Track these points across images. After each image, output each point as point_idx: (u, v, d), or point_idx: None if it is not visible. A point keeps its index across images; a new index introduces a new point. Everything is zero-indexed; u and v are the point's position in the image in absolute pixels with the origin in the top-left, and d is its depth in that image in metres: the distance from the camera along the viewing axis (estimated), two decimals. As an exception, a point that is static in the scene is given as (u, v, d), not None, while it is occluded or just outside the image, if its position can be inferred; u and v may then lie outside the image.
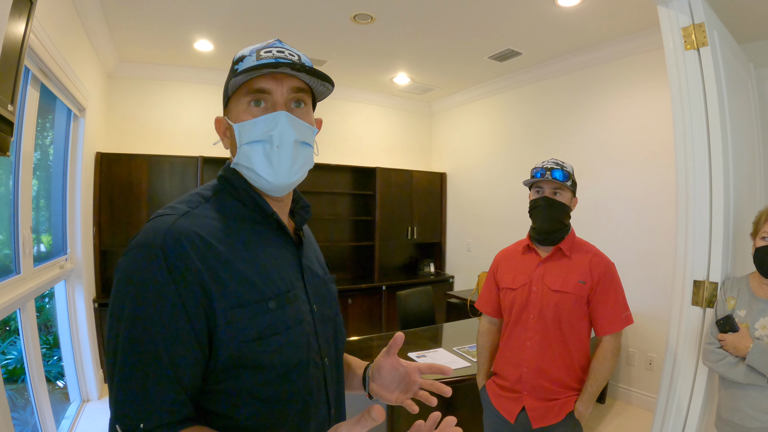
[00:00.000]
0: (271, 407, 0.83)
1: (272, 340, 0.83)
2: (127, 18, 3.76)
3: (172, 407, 0.75)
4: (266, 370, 0.82)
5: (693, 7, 2.22)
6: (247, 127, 0.88)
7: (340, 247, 6.12)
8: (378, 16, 3.74)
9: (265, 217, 0.92)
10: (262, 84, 0.88)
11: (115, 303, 0.77)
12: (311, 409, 0.90)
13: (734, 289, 2.01)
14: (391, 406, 2.43)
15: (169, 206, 0.85)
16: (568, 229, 2.03)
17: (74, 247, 3.77)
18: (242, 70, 0.87)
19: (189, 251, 0.78)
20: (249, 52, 0.91)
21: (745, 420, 1.85)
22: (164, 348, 0.74)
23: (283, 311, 0.86)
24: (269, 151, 0.88)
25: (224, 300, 0.79)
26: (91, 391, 3.77)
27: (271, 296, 0.85)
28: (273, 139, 0.87)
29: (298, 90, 0.91)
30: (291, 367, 0.85)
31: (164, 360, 0.74)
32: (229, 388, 0.80)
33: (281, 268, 0.90)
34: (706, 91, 2.19)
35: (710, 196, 2.18)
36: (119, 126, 4.84)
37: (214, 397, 0.81)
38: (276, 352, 0.83)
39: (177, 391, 0.75)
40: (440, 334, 3.46)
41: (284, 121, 0.88)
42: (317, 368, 0.92)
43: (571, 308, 1.90)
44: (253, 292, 0.82)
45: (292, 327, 0.87)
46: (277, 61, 0.87)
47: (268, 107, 0.89)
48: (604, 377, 1.91)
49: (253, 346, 0.80)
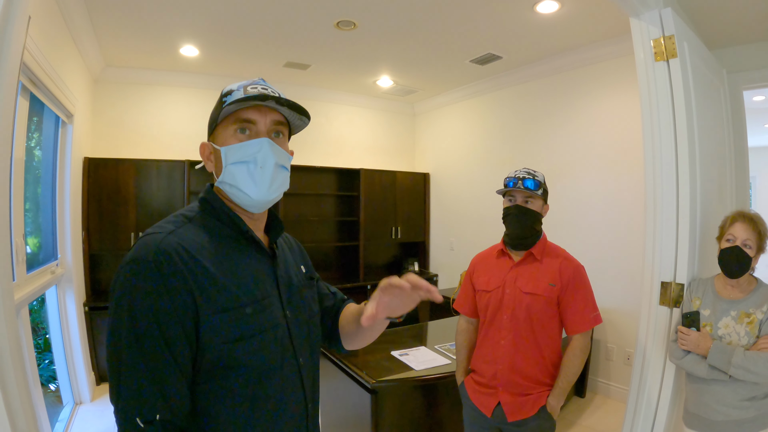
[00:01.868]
0: (250, 404, 0.96)
1: (249, 342, 0.95)
2: (114, 24, 3.79)
3: (180, 400, 0.88)
4: (245, 370, 0.94)
5: (664, 20, 2.32)
6: (234, 150, 1.01)
7: (325, 247, 6.20)
8: (360, 23, 3.82)
9: (241, 234, 1.04)
10: (249, 115, 1.02)
11: (116, 312, 0.88)
12: (287, 405, 1.02)
13: (700, 290, 2.12)
14: (375, 402, 2.55)
15: (157, 226, 0.97)
16: (540, 235, 2.13)
17: (64, 252, 3.82)
18: (232, 101, 0.99)
19: (178, 263, 0.90)
20: (237, 87, 1.03)
21: (710, 413, 1.96)
22: (166, 346, 0.87)
23: (259, 316, 0.98)
24: (253, 170, 1.00)
25: (207, 306, 0.91)
26: (83, 394, 3.83)
27: (248, 303, 0.97)
28: (257, 160, 1.00)
29: (279, 123, 1.06)
30: (267, 367, 0.98)
31: (167, 356, 0.87)
32: (214, 387, 0.93)
33: (257, 278, 1.02)
34: (674, 101, 2.30)
35: (677, 202, 2.30)
36: (106, 131, 4.86)
37: (200, 397, 0.92)
38: (253, 353, 0.95)
39: (182, 384, 0.88)
40: (422, 333, 3.56)
41: (267, 146, 1.01)
42: (292, 368, 1.04)
43: (542, 309, 2.01)
44: (232, 300, 0.94)
45: (266, 330, 0.99)
46: (264, 95, 0.99)
47: (252, 135, 1.02)
48: (573, 373, 2.03)
49: (232, 347, 0.93)
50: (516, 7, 3.50)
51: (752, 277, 2.01)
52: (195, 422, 0.93)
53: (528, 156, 5.04)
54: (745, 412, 1.89)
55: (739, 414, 1.89)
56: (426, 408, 2.83)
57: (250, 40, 4.24)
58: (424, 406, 2.83)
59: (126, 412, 0.85)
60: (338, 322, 1.33)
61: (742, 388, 1.88)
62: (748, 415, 1.88)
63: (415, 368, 2.76)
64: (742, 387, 1.88)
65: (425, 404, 2.83)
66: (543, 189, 2.10)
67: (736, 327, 1.92)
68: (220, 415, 0.93)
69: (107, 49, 4.37)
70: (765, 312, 1.88)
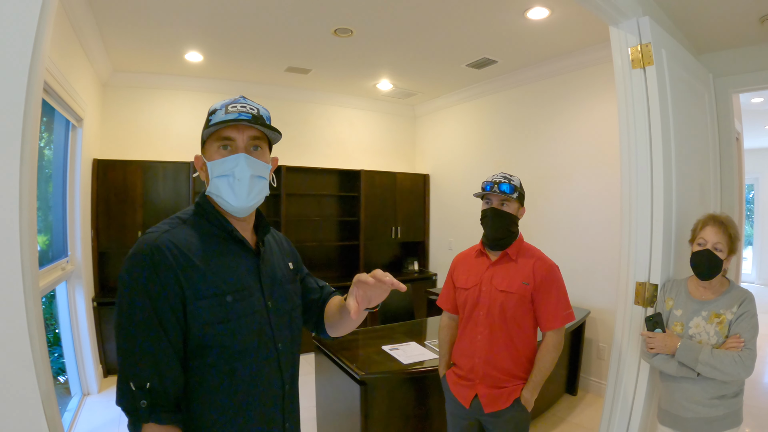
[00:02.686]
0: (228, 378, 1.12)
1: (228, 325, 1.11)
2: (121, 31, 3.95)
3: (173, 374, 1.05)
4: (224, 350, 1.11)
5: (641, 28, 2.41)
6: (217, 165, 1.16)
7: (327, 246, 6.34)
8: (357, 30, 3.94)
9: (228, 234, 1.20)
10: (228, 133, 1.16)
11: (120, 296, 1.06)
12: (262, 382, 1.17)
13: (673, 291, 2.20)
14: (365, 393, 2.66)
15: (156, 226, 1.15)
16: (515, 236, 2.25)
17: (74, 249, 3.99)
18: (213, 123, 1.15)
19: (168, 257, 1.07)
20: (220, 106, 1.18)
21: (680, 410, 2.03)
22: (159, 325, 1.04)
23: (239, 304, 1.14)
24: (233, 183, 1.16)
25: (192, 293, 1.08)
26: (91, 386, 4.00)
27: (228, 292, 1.13)
28: (235, 174, 1.15)
29: (255, 138, 1.19)
30: (243, 348, 1.14)
31: (160, 333, 1.04)
32: (199, 364, 1.10)
33: (239, 272, 1.18)
34: (650, 108, 2.39)
35: (651, 206, 2.38)
36: (114, 133, 5.03)
37: (189, 372, 1.09)
38: (231, 335, 1.12)
39: (174, 359, 1.05)
40: (415, 329, 3.67)
41: (243, 161, 1.15)
42: (268, 351, 1.19)
43: (515, 306, 2.12)
44: (213, 288, 1.11)
45: (244, 317, 1.15)
46: (239, 116, 1.14)
47: (233, 150, 1.17)
48: (547, 368, 2.13)
49: (212, 329, 1.09)
50: (507, 14, 3.60)
51: (724, 279, 2.06)
52: (185, 392, 1.09)
53: (523, 158, 5.13)
54: (714, 410, 1.94)
55: (708, 412, 1.95)
56: (414, 400, 2.95)
57: (252, 47, 4.38)
58: (412, 398, 2.95)
59: (123, 377, 1.02)
60: (324, 312, 1.47)
61: (711, 387, 1.94)
62: (718, 413, 1.94)
63: (403, 362, 2.88)
64: (712, 385, 1.94)
65: (413, 396, 2.95)
66: (518, 192, 2.21)
67: (707, 327, 1.98)
68: (203, 387, 1.10)
69: (115, 55, 4.53)
70: (734, 313, 1.94)
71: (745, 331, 1.89)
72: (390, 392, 2.88)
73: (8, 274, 0.92)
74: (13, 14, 0.93)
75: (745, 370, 1.84)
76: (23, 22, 0.95)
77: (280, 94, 5.91)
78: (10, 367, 0.92)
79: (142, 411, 1.00)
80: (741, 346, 1.87)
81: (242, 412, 1.13)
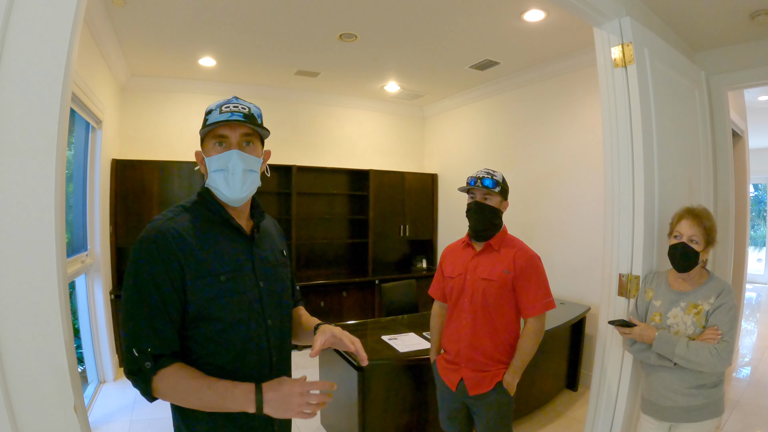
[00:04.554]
0: (221, 347, 1.27)
1: (220, 301, 1.26)
2: (138, 38, 4.17)
3: (168, 340, 1.21)
4: (218, 322, 1.26)
5: (623, 28, 2.49)
6: (213, 160, 1.32)
7: (337, 243, 6.51)
8: (361, 35, 4.10)
9: (224, 221, 1.35)
10: (222, 131, 1.32)
11: (127, 274, 1.22)
12: (250, 351, 1.32)
13: (654, 282, 2.26)
14: (362, 379, 2.80)
15: (162, 214, 1.31)
16: (498, 228, 2.37)
17: (93, 244, 4.21)
18: (209, 122, 1.31)
19: (171, 242, 1.22)
20: (215, 107, 1.34)
21: (660, 399, 2.09)
22: (160, 299, 1.18)
23: (232, 283, 1.29)
24: (227, 176, 1.31)
25: (191, 271, 1.22)
26: (107, 374, 4.22)
27: (222, 272, 1.28)
28: (228, 168, 1.30)
29: (247, 135, 1.34)
30: (235, 321, 1.29)
31: (161, 306, 1.18)
32: (196, 334, 1.25)
33: (233, 255, 1.33)
34: (631, 105, 2.47)
35: (632, 201, 2.46)
36: (132, 135, 5.28)
37: (188, 342, 1.26)
38: (224, 309, 1.27)
39: (169, 328, 1.21)
40: (415, 322, 3.79)
41: (235, 156, 1.30)
42: (258, 325, 1.34)
43: (496, 294, 2.24)
44: (209, 269, 1.26)
45: (237, 294, 1.30)
46: (231, 116, 1.30)
47: (227, 146, 1.32)
48: (527, 353, 2.25)
49: (208, 304, 1.24)
50: (504, 17, 3.71)
51: (704, 270, 2.10)
52: (183, 357, 1.25)
53: (526, 156, 5.23)
54: (692, 399, 2.00)
55: (686, 401, 2.01)
56: (409, 386, 3.09)
57: (263, 52, 4.57)
58: (408, 384, 3.08)
59: (127, 344, 1.18)
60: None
61: (689, 376, 1.99)
62: (696, 402, 2.00)
63: (400, 350, 3.03)
64: (689, 375, 1.99)
65: (409, 383, 3.08)
66: (501, 187, 2.33)
67: (684, 317, 2.03)
68: (199, 354, 1.26)
69: (132, 60, 4.76)
70: (712, 304, 1.97)
71: (723, 324, 1.93)
72: (387, 379, 3.02)
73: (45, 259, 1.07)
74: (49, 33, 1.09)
75: (722, 362, 1.88)
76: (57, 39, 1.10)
77: (291, 96, 6.10)
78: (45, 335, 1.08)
79: (147, 370, 1.16)
80: (718, 338, 1.91)
81: (232, 377, 1.26)
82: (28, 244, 1.04)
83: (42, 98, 1.08)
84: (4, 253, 1.02)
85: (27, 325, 1.02)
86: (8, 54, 1.01)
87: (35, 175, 1.06)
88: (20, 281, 1.03)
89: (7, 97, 1.01)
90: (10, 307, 1.01)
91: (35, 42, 1.06)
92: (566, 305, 4.38)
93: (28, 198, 1.06)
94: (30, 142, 1.06)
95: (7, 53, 1.01)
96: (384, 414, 3.01)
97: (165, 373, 1.17)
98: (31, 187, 1.06)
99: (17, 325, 1.02)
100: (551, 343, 3.99)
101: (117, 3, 3.38)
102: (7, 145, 1.02)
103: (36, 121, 1.06)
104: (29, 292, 1.03)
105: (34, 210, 1.06)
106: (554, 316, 4.03)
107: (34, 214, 1.06)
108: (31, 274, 1.04)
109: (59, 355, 1.06)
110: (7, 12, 0.99)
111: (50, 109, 1.09)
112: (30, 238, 1.05)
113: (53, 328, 1.07)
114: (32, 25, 1.05)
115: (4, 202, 1.02)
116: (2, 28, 0.98)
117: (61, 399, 1.06)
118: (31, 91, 1.06)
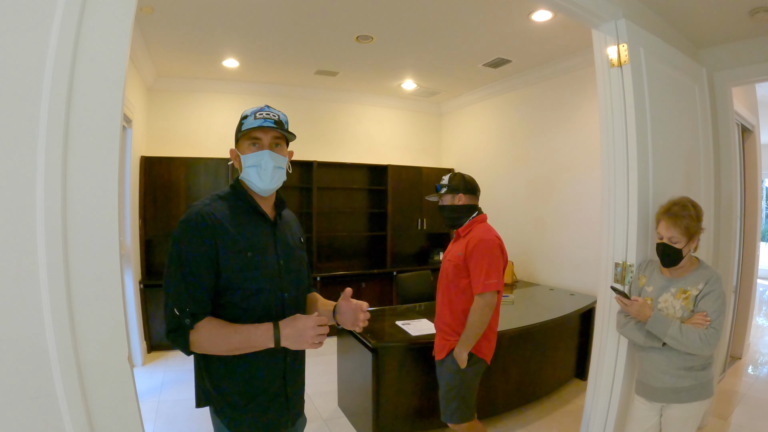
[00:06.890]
0: (244, 312, 1.50)
1: (247, 273, 1.50)
2: (164, 41, 4.41)
3: (203, 303, 1.44)
4: (243, 291, 1.50)
5: (618, 29, 2.62)
6: (249, 158, 1.56)
7: (356, 236, 6.73)
8: (377, 37, 4.28)
9: (253, 208, 1.60)
10: (256, 134, 1.56)
11: (171, 249, 1.44)
12: (270, 317, 1.53)
13: (647, 270, 2.39)
14: (376, 360, 3.03)
15: (200, 200, 1.56)
16: (460, 219, 2.70)
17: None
18: (246, 126, 1.55)
19: (208, 221, 1.45)
20: (250, 113, 1.57)
21: (650, 380, 2.20)
22: (198, 269, 1.41)
23: (256, 259, 1.53)
24: (259, 171, 1.55)
25: (223, 249, 1.45)
26: (136, 359, 4.48)
27: (249, 249, 1.52)
28: (261, 165, 1.55)
29: (276, 138, 1.59)
30: (256, 291, 1.52)
31: (198, 275, 1.41)
32: (225, 301, 1.47)
33: (259, 236, 1.58)
34: (626, 103, 2.59)
35: (627, 194, 2.59)
36: (160, 133, 5.55)
37: (217, 309, 1.47)
38: (249, 280, 1.50)
39: (204, 293, 1.44)
40: (430, 309, 3.97)
41: (267, 156, 1.55)
42: (275, 297, 1.57)
43: (453, 272, 2.62)
44: (238, 246, 1.50)
45: (260, 269, 1.53)
46: (265, 122, 1.53)
47: (260, 147, 1.56)
48: (472, 326, 2.48)
49: (236, 275, 1.48)
50: (513, 17, 3.85)
51: (694, 259, 2.22)
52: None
53: (539, 152, 5.36)
54: (681, 381, 2.10)
55: (674, 382, 2.11)
56: (420, 367, 3.29)
57: (283, 53, 4.79)
58: (418, 365, 3.28)
59: (169, 307, 1.40)
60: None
61: (677, 357, 2.10)
62: (685, 383, 2.10)
63: (412, 334, 3.25)
64: (677, 356, 2.09)
65: (419, 364, 3.28)
66: (447, 187, 2.72)
67: (674, 302, 2.15)
68: (227, 317, 1.47)
69: (159, 62, 5.02)
70: (700, 290, 2.09)
71: (712, 311, 2.04)
72: (399, 360, 3.24)
73: (109, 238, 1.27)
74: (112, 54, 1.30)
75: (708, 347, 2.00)
76: (116, 62, 1.31)
77: (311, 94, 6.32)
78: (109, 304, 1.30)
79: (186, 326, 1.39)
80: (707, 324, 2.02)
81: None
82: (98, 233, 1.26)
83: (107, 112, 1.29)
84: (82, 241, 1.23)
85: (93, 291, 1.25)
86: (79, 76, 1.22)
87: (104, 177, 1.28)
88: (92, 260, 1.25)
89: (79, 113, 1.22)
90: (86, 276, 1.23)
91: (100, 64, 1.27)
92: (576, 296, 4.51)
93: (99, 199, 1.27)
94: (98, 150, 1.27)
95: (78, 76, 1.22)
96: (396, 395, 3.22)
97: (199, 325, 1.40)
98: (101, 189, 1.27)
99: (89, 292, 1.24)
100: (560, 333, 4.12)
101: (145, 10, 3.62)
102: (80, 153, 1.23)
103: (103, 134, 1.28)
104: (97, 264, 1.25)
105: (102, 210, 1.27)
106: (563, 306, 4.17)
107: (103, 213, 1.27)
108: (100, 254, 1.26)
109: (118, 313, 1.28)
110: (75, 43, 1.20)
111: (113, 121, 1.30)
112: (100, 229, 1.26)
113: (114, 293, 1.29)
114: (96, 52, 1.26)
115: (82, 200, 1.23)
116: (72, 53, 1.20)
117: (117, 350, 1.29)
118: (94, 106, 1.26)
